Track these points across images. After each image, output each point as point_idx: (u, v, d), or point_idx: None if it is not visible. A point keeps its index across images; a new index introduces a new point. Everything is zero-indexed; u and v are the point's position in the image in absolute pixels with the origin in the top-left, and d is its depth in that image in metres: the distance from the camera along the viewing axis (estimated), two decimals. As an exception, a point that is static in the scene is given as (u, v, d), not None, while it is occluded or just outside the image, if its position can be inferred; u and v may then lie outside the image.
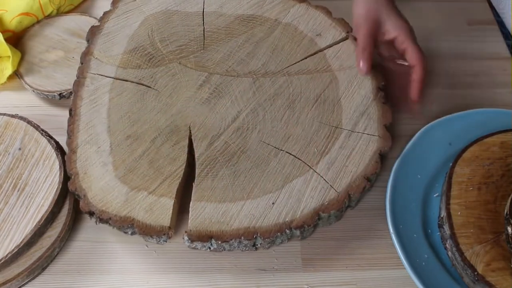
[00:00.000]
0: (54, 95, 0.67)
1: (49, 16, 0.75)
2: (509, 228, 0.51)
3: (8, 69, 0.68)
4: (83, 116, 0.58)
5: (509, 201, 0.53)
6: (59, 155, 0.57)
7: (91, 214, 0.53)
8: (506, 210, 0.53)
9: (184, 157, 0.55)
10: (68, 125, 0.58)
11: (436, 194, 0.59)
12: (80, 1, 0.80)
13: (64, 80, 0.68)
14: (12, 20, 0.72)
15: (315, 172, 0.55)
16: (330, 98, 0.60)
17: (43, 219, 0.53)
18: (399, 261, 0.54)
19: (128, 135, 0.57)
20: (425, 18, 0.80)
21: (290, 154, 0.56)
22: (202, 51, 0.63)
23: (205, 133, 0.57)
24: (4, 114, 0.60)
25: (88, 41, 0.65)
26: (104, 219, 0.52)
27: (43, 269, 0.55)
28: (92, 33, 0.65)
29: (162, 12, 0.67)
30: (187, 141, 0.56)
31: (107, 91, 0.60)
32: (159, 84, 0.61)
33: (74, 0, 0.78)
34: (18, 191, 0.55)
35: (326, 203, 0.53)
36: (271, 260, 0.56)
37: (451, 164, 0.58)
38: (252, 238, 0.51)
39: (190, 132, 0.57)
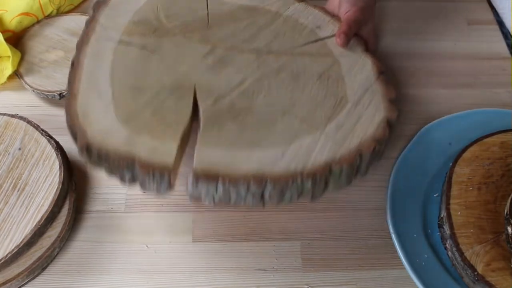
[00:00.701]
0: (54, 95, 0.67)
1: (49, 16, 0.75)
2: (509, 228, 0.51)
3: (8, 69, 0.68)
4: (86, 67, 0.57)
5: (509, 201, 0.53)
6: (59, 155, 0.57)
7: (88, 149, 0.50)
8: (506, 210, 0.53)
9: (189, 109, 0.54)
10: (69, 74, 0.56)
11: (436, 194, 0.59)
12: (80, 1, 0.80)
13: (64, 80, 0.67)
14: (12, 20, 0.72)
15: (324, 133, 0.54)
16: (333, 76, 0.60)
17: (43, 219, 0.53)
18: (399, 261, 0.54)
19: (131, 86, 0.56)
20: (425, 18, 0.80)
21: (297, 116, 0.55)
22: (206, 29, 0.64)
23: (210, 93, 0.56)
24: (4, 114, 0.60)
25: (93, 10, 0.64)
26: (102, 155, 0.49)
27: (43, 269, 0.55)
28: (98, 5, 0.65)
29: None
30: (191, 98, 0.55)
31: (111, 49, 0.59)
32: (164, 50, 0.60)
33: (74, 0, 0.78)
34: (18, 191, 0.55)
35: (338, 158, 0.52)
36: (271, 260, 0.56)
37: (451, 164, 0.58)
38: (262, 183, 0.48)
39: (195, 91, 0.56)
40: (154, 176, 0.48)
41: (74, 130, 0.51)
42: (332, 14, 0.68)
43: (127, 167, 0.48)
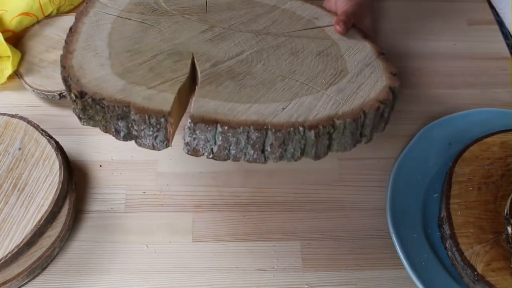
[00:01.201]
0: (54, 95, 0.67)
1: (49, 16, 0.75)
2: (509, 228, 0.51)
3: (8, 69, 0.68)
4: (83, 33, 0.56)
5: (509, 201, 0.53)
6: (59, 155, 0.57)
7: (82, 95, 0.48)
8: (506, 210, 0.53)
9: (186, 70, 0.53)
10: (66, 37, 0.56)
11: (436, 194, 0.59)
12: (80, 1, 0.80)
13: (64, 80, 0.68)
14: (12, 20, 0.72)
15: (325, 93, 0.53)
16: (332, 54, 0.60)
17: (43, 219, 0.53)
18: (399, 261, 0.54)
19: (129, 50, 0.55)
20: (425, 18, 0.80)
21: (297, 81, 0.54)
22: (205, 13, 0.63)
23: (209, 59, 0.55)
24: (4, 114, 0.60)
25: None
26: (96, 99, 0.47)
27: (43, 269, 0.55)
28: None
29: None
30: (190, 61, 0.54)
31: (109, 22, 0.59)
32: (162, 25, 0.60)
33: (74, 0, 0.78)
34: (18, 191, 0.55)
35: (340, 113, 0.50)
36: (271, 260, 0.56)
37: (451, 164, 0.58)
38: (262, 129, 0.46)
39: (193, 57, 0.55)
40: (150, 122, 0.46)
41: (68, 80, 0.49)
42: (329, 10, 0.69)
43: (122, 114, 0.46)
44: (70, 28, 0.57)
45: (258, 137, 0.46)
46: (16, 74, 0.69)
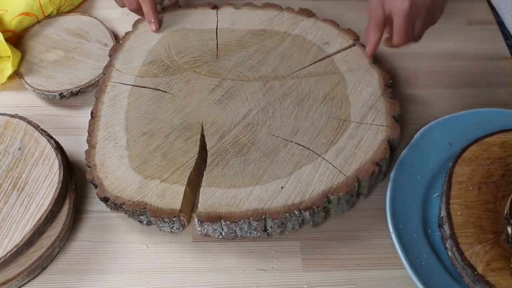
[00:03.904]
0: (54, 95, 0.67)
1: (49, 16, 0.76)
2: (509, 228, 0.51)
3: (9, 69, 0.68)
4: (103, 117, 0.61)
5: (509, 201, 0.53)
6: (59, 155, 0.57)
7: (106, 200, 0.55)
8: (506, 210, 0.52)
9: (196, 149, 0.58)
10: (89, 125, 0.61)
11: (436, 194, 0.59)
12: (80, 1, 0.80)
13: (64, 80, 0.68)
14: (12, 20, 0.72)
15: (324, 159, 0.56)
16: (338, 96, 0.62)
17: (43, 219, 0.53)
18: (399, 261, 0.54)
19: (144, 132, 0.60)
20: (425, 18, 0.80)
21: (299, 144, 0.58)
22: (215, 60, 0.67)
23: (217, 129, 0.60)
24: (4, 114, 0.60)
25: (110, 56, 0.68)
26: (118, 204, 0.54)
27: (43, 268, 0.55)
28: (114, 50, 0.69)
29: (178, 30, 0.71)
30: (199, 136, 0.59)
31: (126, 96, 0.63)
32: (174, 89, 0.64)
33: (74, 0, 0.78)
34: (17, 190, 0.55)
35: (335, 186, 0.54)
36: (271, 260, 0.56)
37: (451, 164, 0.58)
38: (261, 219, 0.52)
39: (203, 128, 0.60)
40: (164, 220, 0.54)
41: (94, 182, 0.56)
42: (341, 27, 0.69)
43: (141, 213, 0.54)
44: (91, 112, 0.62)
45: (259, 224, 0.53)
46: (16, 74, 0.69)
